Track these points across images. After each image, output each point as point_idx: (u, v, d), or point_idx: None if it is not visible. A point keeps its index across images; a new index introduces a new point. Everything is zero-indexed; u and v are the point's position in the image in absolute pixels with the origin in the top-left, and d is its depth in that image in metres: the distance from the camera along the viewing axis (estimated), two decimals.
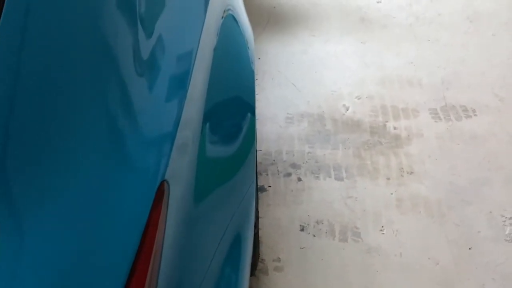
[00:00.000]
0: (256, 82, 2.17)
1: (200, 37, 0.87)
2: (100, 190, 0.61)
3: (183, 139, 0.75)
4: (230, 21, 1.06)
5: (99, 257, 0.57)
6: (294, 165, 1.86)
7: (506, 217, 1.68)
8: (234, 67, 1.02)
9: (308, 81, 2.18)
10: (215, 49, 0.91)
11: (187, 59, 0.83)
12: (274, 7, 2.58)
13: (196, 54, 0.84)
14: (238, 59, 1.05)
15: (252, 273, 1.39)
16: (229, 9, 1.07)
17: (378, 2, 2.62)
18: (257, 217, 1.59)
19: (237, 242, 0.87)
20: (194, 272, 0.74)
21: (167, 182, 0.67)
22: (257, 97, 2.09)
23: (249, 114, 1.01)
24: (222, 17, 1.01)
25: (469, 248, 1.60)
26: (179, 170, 0.72)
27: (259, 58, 2.29)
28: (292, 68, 2.24)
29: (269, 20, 2.50)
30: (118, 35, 0.74)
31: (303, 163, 1.86)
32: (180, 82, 0.79)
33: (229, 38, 1.02)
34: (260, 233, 1.63)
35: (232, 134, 0.93)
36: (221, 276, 0.80)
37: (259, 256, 1.52)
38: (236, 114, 0.97)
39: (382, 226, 1.66)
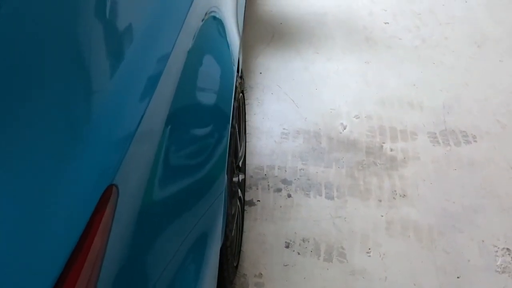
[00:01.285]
0: (255, 96, 2.17)
1: (177, 38, 0.87)
2: (42, 188, 0.61)
3: (141, 144, 0.74)
4: (211, 23, 1.04)
5: (30, 254, 0.56)
6: (285, 181, 1.84)
7: (498, 247, 1.63)
8: (210, 71, 1.01)
9: (307, 97, 2.17)
10: (189, 52, 0.90)
11: (160, 60, 0.82)
12: (281, 23, 2.60)
13: (170, 55, 0.83)
14: (215, 63, 1.04)
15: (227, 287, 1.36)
16: (212, 11, 1.05)
17: (385, 23, 2.61)
18: (241, 231, 1.57)
19: (197, 254, 0.86)
20: (143, 278, 0.73)
21: (116, 186, 0.67)
22: (254, 110, 2.09)
23: (221, 121, 0.99)
24: (203, 20, 1.00)
25: (458, 277, 1.55)
26: (133, 174, 0.72)
27: (261, 73, 2.29)
28: (292, 84, 2.24)
29: (274, 35, 2.51)
30: (89, 31, 0.73)
31: (295, 179, 1.84)
32: (148, 84, 0.79)
33: (208, 41, 1.00)
34: (244, 247, 1.61)
35: (200, 140, 0.92)
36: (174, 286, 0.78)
37: (236, 271, 1.50)
38: (207, 120, 0.95)
39: (369, 248, 1.63)
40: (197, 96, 0.93)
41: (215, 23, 1.07)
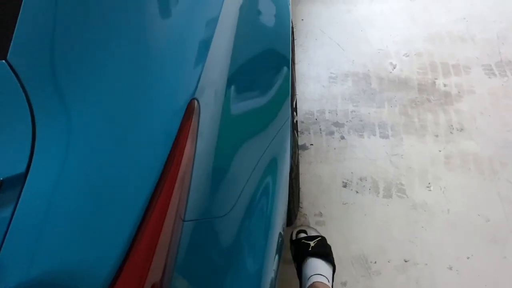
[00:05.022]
0: (299, 43, 2.14)
1: None
2: (134, 103, 0.63)
3: (213, 66, 0.75)
4: None
5: (131, 159, 0.59)
6: (337, 124, 1.82)
7: None
8: (268, 15, 1.02)
9: (353, 40, 2.12)
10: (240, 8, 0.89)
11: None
12: None
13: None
14: (272, 6, 1.05)
15: (290, 222, 1.38)
16: None
17: None
18: (297, 166, 1.58)
19: (272, 172, 0.87)
20: (226, 191, 0.75)
21: (197, 100, 0.68)
22: (299, 57, 2.06)
23: (284, 54, 1.00)
24: None
25: None
26: (210, 92, 0.73)
27: (302, 19, 2.24)
28: (336, 28, 2.19)
29: None
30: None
31: (347, 121, 1.83)
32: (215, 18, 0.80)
33: None
34: (302, 188, 1.63)
35: (267, 71, 0.93)
36: (254, 201, 0.80)
37: (299, 206, 1.51)
38: (272, 53, 0.97)
39: (429, 183, 1.61)
40: (261, 31, 0.94)
41: None
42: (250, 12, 0.92)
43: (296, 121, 1.62)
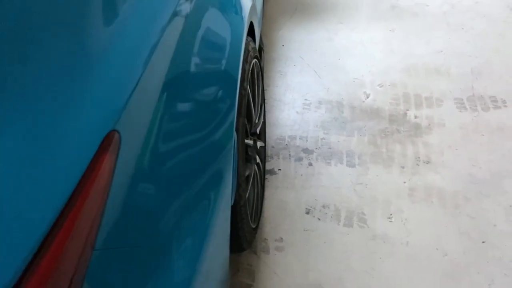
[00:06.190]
0: (278, 69, 2.18)
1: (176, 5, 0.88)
2: (42, 131, 0.63)
3: (142, 95, 0.76)
4: None
5: (30, 194, 0.59)
6: (306, 150, 1.84)
7: None
8: (212, 35, 1.02)
9: (330, 68, 2.15)
10: (187, 16, 0.90)
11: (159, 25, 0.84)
12: None
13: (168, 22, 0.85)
14: (218, 26, 1.04)
15: (243, 248, 1.38)
16: None
17: None
18: (261, 197, 1.60)
19: (203, 205, 0.88)
20: (147, 228, 0.75)
21: (118, 132, 0.69)
22: (276, 83, 2.10)
23: (228, 81, 1.00)
24: None
25: (482, 242, 1.52)
26: (135, 123, 0.74)
27: (283, 45, 2.28)
28: (315, 55, 2.22)
29: (297, 8, 2.49)
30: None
31: (316, 148, 1.85)
32: (151, 40, 0.81)
33: (209, 5, 1.01)
34: (265, 214, 1.64)
35: (204, 98, 0.93)
36: (183, 232, 0.81)
37: (255, 233, 1.52)
38: (211, 79, 0.96)
39: (391, 214, 1.62)
40: (198, 56, 0.93)
41: None
42: (194, 37, 0.93)
43: (262, 146, 1.65)
